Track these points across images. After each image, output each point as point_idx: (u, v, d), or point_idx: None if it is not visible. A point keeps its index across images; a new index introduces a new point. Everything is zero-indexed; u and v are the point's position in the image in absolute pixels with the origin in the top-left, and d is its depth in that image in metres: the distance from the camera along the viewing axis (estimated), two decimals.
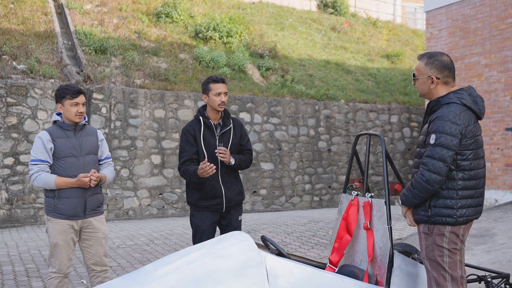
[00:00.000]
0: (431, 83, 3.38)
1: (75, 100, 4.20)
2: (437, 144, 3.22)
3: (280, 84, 13.57)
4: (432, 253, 3.30)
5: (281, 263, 3.30)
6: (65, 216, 4.15)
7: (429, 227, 3.33)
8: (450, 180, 3.28)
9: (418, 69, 3.43)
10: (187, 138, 4.45)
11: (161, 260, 3.44)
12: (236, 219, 4.53)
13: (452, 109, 3.26)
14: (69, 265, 4.22)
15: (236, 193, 4.51)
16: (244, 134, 4.62)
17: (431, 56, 3.41)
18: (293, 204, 12.65)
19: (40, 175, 4.10)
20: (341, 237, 3.94)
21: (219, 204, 4.42)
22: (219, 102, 4.41)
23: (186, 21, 14.61)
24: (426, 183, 3.23)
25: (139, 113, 11.15)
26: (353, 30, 18.57)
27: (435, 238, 3.29)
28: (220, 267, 3.17)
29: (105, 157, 4.43)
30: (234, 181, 4.51)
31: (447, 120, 3.22)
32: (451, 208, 3.27)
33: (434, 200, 3.30)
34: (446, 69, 3.38)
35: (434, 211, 3.30)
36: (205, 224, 4.42)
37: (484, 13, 9.36)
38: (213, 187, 4.39)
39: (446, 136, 3.20)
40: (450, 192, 3.28)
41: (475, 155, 3.33)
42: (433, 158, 3.22)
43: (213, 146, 4.43)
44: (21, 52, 11.27)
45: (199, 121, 4.49)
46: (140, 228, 9.04)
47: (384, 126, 13.85)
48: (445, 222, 3.28)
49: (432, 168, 3.21)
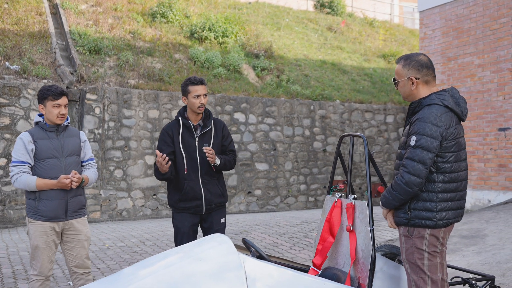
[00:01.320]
0: (412, 84, 3.34)
1: (57, 101, 4.16)
2: (417, 146, 3.18)
3: (275, 84, 13.53)
4: (412, 255, 3.26)
5: (261, 266, 3.25)
6: (46, 218, 4.11)
7: (409, 229, 3.29)
8: (430, 182, 3.24)
9: (397, 72, 3.41)
10: (164, 138, 4.42)
11: (140, 263, 3.40)
12: (218, 221, 4.45)
13: (434, 110, 3.22)
14: (51, 268, 4.18)
15: (217, 195, 4.44)
16: (226, 134, 4.56)
17: (408, 58, 3.39)
18: (288, 205, 12.61)
19: (21, 176, 4.06)
20: (325, 239, 3.90)
21: (198, 206, 4.36)
22: (198, 105, 4.36)
23: (181, 21, 14.57)
24: (406, 185, 3.19)
25: (133, 114, 11.11)
26: (350, 30, 18.53)
27: (415, 241, 3.25)
28: (198, 270, 3.12)
29: (88, 159, 4.38)
30: (215, 182, 4.44)
31: (428, 122, 3.18)
32: (430, 211, 3.23)
33: (414, 202, 3.26)
34: (424, 68, 3.34)
35: (414, 214, 3.26)
36: (185, 226, 4.37)
37: (477, 13, 9.32)
38: (192, 188, 4.33)
39: (426, 138, 3.16)
40: (430, 195, 3.24)
41: (456, 158, 3.28)
42: (413, 160, 3.18)
43: (192, 147, 4.38)
44: (15, 52, 11.23)
45: (178, 122, 4.44)
46: (132, 229, 9.00)
47: (379, 126, 13.81)
48: (424, 225, 3.24)
49: (412, 170, 3.17)
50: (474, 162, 9.46)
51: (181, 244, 4.23)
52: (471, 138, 9.54)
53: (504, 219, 7.31)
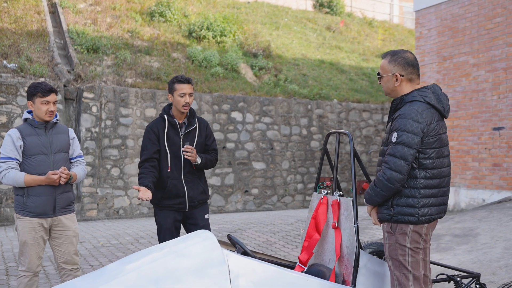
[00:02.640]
0: (396, 81, 3.34)
1: (46, 98, 4.18)
2: (398, 142, 3.19)
3: (273, 83, 13.55)
4: (395, 252, 3.28)
5: (244, 262, 3.27)
6: (34, 214, 4.13)
7: (392, 226, 3.30)
8: (412, 178, 3.25)
9: (382, 67, 3.41)
10: (150, 136, 4.42)
11: (125, 258, 3.42)
12: (202, 217, 4.50)
13: (415, 107, 3.23)
14: (39, 264, 4.20)
15: (199, 192, 4.48)
16: (209, 134, 4.61)
17: (394, 54, 3.39)
18: (285, 204, 12.63)
19: (9, 172, 4.08)
20: (311, 236, 3.92)
21: (181, 204, 4.40)
22: (183, 103, 4.38)
23: (179, 20, 14.60)
24: (388, 182, 3.20)
25: (130, 112, 11.14)
26: (349, 30, 18.54)
27: (398, 237, 3.27)
28: (181, 266, 3.14)
29: (77, 156, 4.40)
30: (197, 180, 4.49)
31: (409, 118, 3.19)
32: (413, 207, 3.24)
33: (396, 198, 3.27)
34: (410, 66, 3.35)
35: (397, 210, 3.27)
36: (167, 222, 4.41)
37: (472, 12, 9.33)
38: (175, 186, 4.37)
39: (407, 134, 3.17)
40: (412, 191, 3.25)
41: (438, 154, 3.28)
42: (395, 156, 3.19)
43: (177, 145, 4.42)
44: (12, 50, 11.26)
45: (163, 120, 4.46)
46: (128, 227, 9.02)
47: (377, 125, 13.82)
48: (407, 221, 3.24)
49: (394, 167, 3.18)
50: (468, 161, 9.47)
51: (164, 241, 4.27)
52: (466, 137, 9.55)
53: (497, 218, 7.31)
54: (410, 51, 3.44)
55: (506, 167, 8.89)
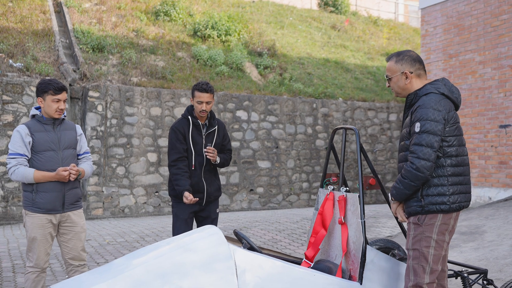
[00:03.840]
0: (406, 79, 3.43)
1: (57, 96, 4.20)
2: (422, 131, 3.24)
3: (278, 82, 13.55)
4: (419, 243, 3.29)
5: (251, 258, 3.27)
6: (44, 210, 4.15)
7: (419, 217, 3.32)
8: (439, 167, 3.31)
9: (390, 68, 3.50)
10: (177, 136, 4.67)
11: (132, 253, 3.43)
12: (214, 211, 4.84)
13: (432, 97, 3.32)
14: (47, 260, 4.22)
15: (216, 189, 4.82)
16: (226, 135, 4.91)
17: (399, 54, 3.51)
18: (290, 203, 12.62)
19: (18, 168, 4.10)
20: (317, 232, 3.92)
21: (200, 199, 4.67)
22: (200, 110, 4.64)
23: (184, 19, 14.62)
24: (417, 171, 3.24)
25: (135, 111, 11.16)
26: (354, 29, 18.52)
27: (425, 228, 3.30)
28: (187, 260, 3.15)
29: (84, 152, 4.42)
30: (214, 178, 4.82)
31: (429, 107, 3.26)
32: (443, 195, 3.29)
33: (425, 189, 3.31)
34: (417, 62, 3.45)
35: (427, 200, 3.30)
36: (184, 213, 4.68)
37: (478, 9, 9.30)
38: (197, 183, 4.67)
39: (430, 122, 3.24)
40: (441, 179, 3.30)
41: (459, 142, 3.37)
42: (421, 145, 3.24)
43: (200, 145, 4.69)
44: (18, 50, 11.31)
45: (187, 120, 4.71)
46: (134, 225, 9.04)
47: (382, 124, 13.79)
48: (439, 210, 3.28)
49: (421, 155, 3.23)
50: (475, 159, 9.44)
51: (179, 231, 4.53)
52: (472, 135, 9.52)
53: (504, 216, 7.29)
54: (412, 51, 3.56)
55: None
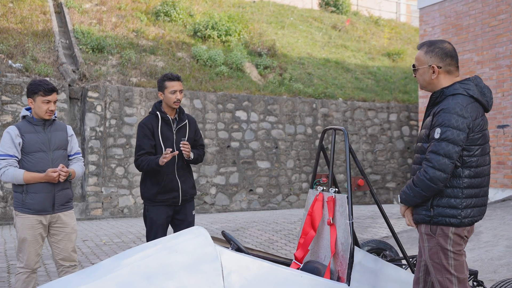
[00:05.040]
0: (432, 73, 3.13)
1: (47, 97, 4.20)
2: (442, 139, 2.98)
3: (278, 82, 13.54)
4: (437, 255, 3.08)
5: (237, 259, 3.27)
6: (34, 211, 4.16)
7: (431, 227, 3.10)
8: (455, 177, 3.04)
9: (418, 58, 3.20)
10: (145, 131, 4.52)
11: (119, 255, 3.44)
12: (190, 213, 4.65)
13: (459, 100, 3.00)
14: (37, 261, 4.23)
15: (190, 186, 4.64)
16: (197, 130, 4.77)
17: (431, 44, 3.18)
18: (290, 203, 12.61)
19: (8, 170, 4.11)
20: (306, 232, 3.91)
21: (175, 198, 4.52)
22: (174, 100, 4.50)
23: (185, 19, 14.62)
24: (430, 181, 2.99)
25: (135, 111, 11.18)
26: (355, 29, 18.49)
27: (439, 240, 3.06)
28: (173, 261, 3.15)
29: (75, 153, 4.42)
30: (188, 175, 4.64)
31: (454, 113, 2.97)
32: (455, 208, 3.03)
33: (437, 199, 3.06)
34: (448, 57, 3.14)
35: (437, 211, 3.06)
36: (161, 218, 4.50)
37: (476, 9, 9.27)
38: (170, 181, 4.49)
39: (452, 130, 2.96)
40: (455, 191, 3.04)
41: (482, 151, 3.08)
42: (438, 154, 2.98)
43: (171, 140, 4.53)
44: (18, 50, 11.34)
45: (156, 116, 4.57)
46: (131, 225, 9.06)
47: (382, 124, 13.77)
48: (448, 223, 3.04)
49: (437, 165, 2.97)
50: None
51: (156, 237, 4.34)
52: None
53: (500, 216, 7.26)
54: (448, 41, 3.23)
55: (510, 165, 8.84)
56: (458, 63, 3.20)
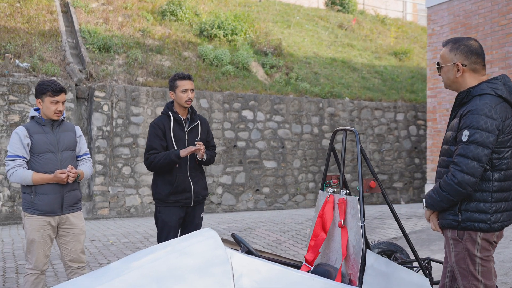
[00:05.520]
0: (457, 71, 3.01)
1: (55, 98, 4.18)
2: (470, 141, 2.86)
3: (284, 82, 13.50)
4: (464, 260, 2.97)
5: (248, 262, 3.23)
6: (42, 212, 4.15)
7: (458, 232, 2.99)
8: (485, 181, 2.93)
9: (443, 56, 3.08)
10: (156, 131, 4.49)
11: (128, 257, 3.41)
12: (199, 215, 4.63)
13: (487, 101, 2.88)
14: (46, 262, 4.21)
15: (203, 187, 4.61)
16: (209, 130, 4.74)
17: (457, 41, 3.06)
18: (296, 203, 12.57)
19: (17, 170, 4.09)
20: (317, 235, 3.87)
21: (188, 199, 4.49)
22: (185, 99, 4.47)
23: (191, 19, 14.60)
24: (458, 186, 2.88)
25: (141, 111, 11.16)
26: (361, 28, 18.42)
27: (466, 245, 2.96)
28: (183, 264, 3.12)
29: (83, 153, 4.41)
30: (200, 176, 4.61)
31: (482, 114, 2.85)
32: (484, 212, 2.92)
33: (465, 203, 2.96)
34: (474, 55, 3.00)
35: (465, 216, 2.95)
36: (172, 220, 4.46)
37: (485, 8, 9.20)
38: (183, 181, 4.46)
39: (481, 132, 2.84)
40: (484, 195, 2.93)
41: None
42: (467, 158, 2.86)
43: (183, 140, 4.50)
44: (25, 50, 11.35)
45: (168, 116, 4.54)
46: (138, 225, 9.04)
47: (389, 124, 13.70)
48: (477, 228, 2.93)
49: (465, 169, 2.86)
50: None
51: (167, 239, 4.31)
52: None
53: None
54: (475, 39, 3.10)
55: None
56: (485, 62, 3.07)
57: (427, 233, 7.22)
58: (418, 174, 13.93)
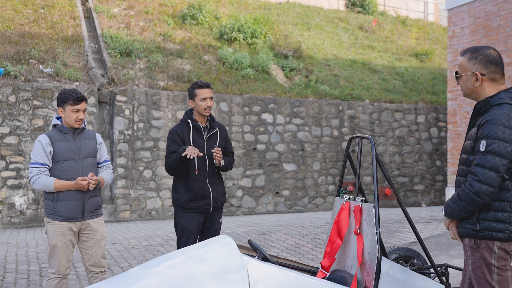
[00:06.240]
0: (476, 81, 3.04)
1: (76, 106, 4.28)
2: (488, 151, 2.90)
3: (304, 84, 13.52)
4: (480, 269, 3.01)
5: (264, 268, 3.29)
6: (64, 218, 4.25)
7: (475, 241, 3.02)
8: (503, 191, 2.96)
9: (461, 65, 3.11)
10: (175, 138, 4.60)
11: (147, 263, 3.49)
12: (218, 221, 4.71)
13: (505, 111, 2.92)
14: (68, 266, 4.32)
15: (221, 193, 4.69)
16: (228, 138, 4.81)
17: (475, 51, 3.09)
18: (316, 205, 12.58)
19: (40, 178, 4.21)
20: (333, 241, 3.91)
21: (207, 205, 4.57)
22: (204, 107, 4.55)
23: (211, 22, 14.72)
24: (476, 196, 2.92)
25: (162, 115, 11.30)
26: (381, 29, 18.33)
27: (483, 253, 2.99)
28: (200, 271, 3.19)
29: (104, 160, 4.51)
30: (219, 182, 4.69)
31: (500, 124, 2.89)
32: (503, 222, 2.95)
33: (483, 212, 2.99)
34: (493, 64, 3.03)
35: (483, 225, 2.98)
36: (192, 225, 4.55)
37: (506, 10, 9.09)
38: (202, 188, 4.54)
39: (498, 142, 2.88)
40: (502, 204, 2.95)
41: None
42: (484, 168, 2.90)
43: (202, 147, 4.57)
44: (49, 56, 11.57)
45: (187, 124, 4.62)
46: (159, 228, 9.15)
47: (410, 126, 13.62)
48: (495, 237, 2.96)
49: (483, 179, 2.90)
50: None
51: (186, 244, 4.40)
52: None
53: None
54: (493, 48, 3.16)
55: None
56: (504, 71, 3.10)
57: (447, 238, 7.18)
58: (439, 176, 13.82)
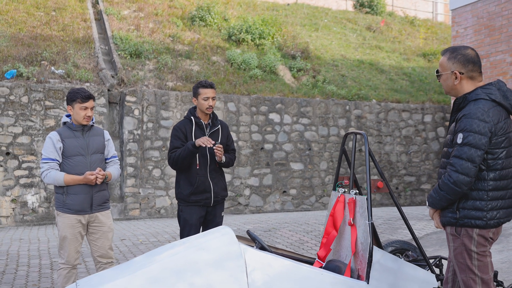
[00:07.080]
0: (455, 79, 3.23)
1: (84, 104, 4.49)
2: (464, 143, 3.08)
3: (311, 84, 13.67)
4: (461, 255, 3.18)
5: (261, 257, 3.46)
6: (73, 211, 4.46)
7: (456, 229, 3.20)
8: (480, 180, 3.14)
9: (441, 64, 3.30)
10: (178, 134, 4.79)
11: (151, 252, 3.69)
12: (219, 214, 4.89)
13: (480, 105, 3.10)
14: (77, 257, 4.53)
15: (222, 188, 4.87)
16: (229, 135, 5.00)
17: (454, 50, 3.27)
18: (323, 204, 12.72)
19: (50, 172, 4.42)
20: (329, 233, 4.07)
21: (208, 199, 4.76)
22: (206, 106, 4.76)
23: (219, 24, 14.92)
24: (454, 185, 3.10)
25: (171, 115, 11.51)
26: (389, 29, 18.42)
27: (463, 240, 3.16)
28: (200, 259, 3.37)
29: (111, 156, 4.71)
30: (220, 177, 4.88)
31: (475, 118, 3.06)
32: (480, 210, 3.13)
33: (462, 201, 3.17)
34: (470, 63, 3.21)
35: (463, 213, 3.16)
36: (193, 218, 4.74)
37: (509, 10, 9.19)
38: (203, 182, 4.73)
39: (474, 134, 3.06)
40: (480, 193, 3.14)
41: (507, 154, 3.16)
42: (461, 159, 3.08)
43: None
44: (60, 57, 11.84)
45: (190, 121, 4.82)
46: (167, 225, 9.36)
47: (417, 125, 13.72)
48: (474, 225, 3.13)
49: (460, 169, 3.08)
50: None
51: (189, 235, 4.55)
52: None
53: None
54: (471, 47, 3.32)
55: None
56: (481, 68, 3.28)
57: None
58: None
